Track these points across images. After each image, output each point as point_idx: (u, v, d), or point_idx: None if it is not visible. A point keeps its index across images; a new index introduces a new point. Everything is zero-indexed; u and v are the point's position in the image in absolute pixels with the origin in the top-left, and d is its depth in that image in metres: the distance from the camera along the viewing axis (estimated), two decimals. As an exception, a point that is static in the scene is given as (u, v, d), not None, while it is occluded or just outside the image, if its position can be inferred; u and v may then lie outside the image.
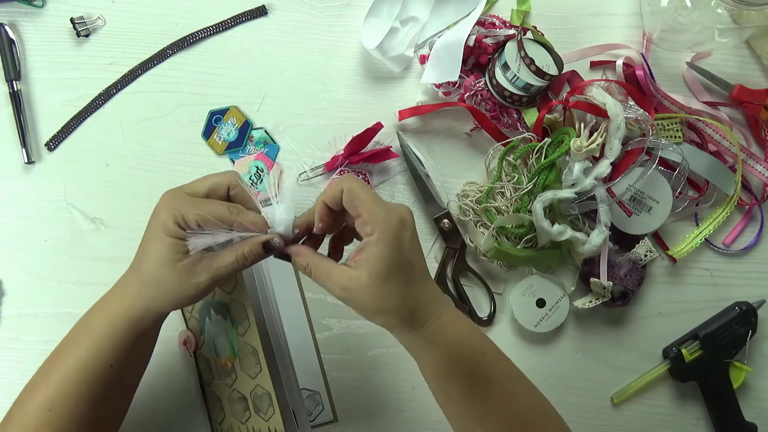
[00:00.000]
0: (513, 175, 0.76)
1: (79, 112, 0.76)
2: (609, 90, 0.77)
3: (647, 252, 0.76)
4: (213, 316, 0.67)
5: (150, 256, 0.56)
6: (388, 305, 0.54)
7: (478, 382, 0.57)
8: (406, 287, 0.54)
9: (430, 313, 0.56)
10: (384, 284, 0.53)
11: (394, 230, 0.53)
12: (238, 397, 0.67)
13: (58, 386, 0.57)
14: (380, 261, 0.53)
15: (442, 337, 0.56)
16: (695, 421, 0.80)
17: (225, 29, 0.78)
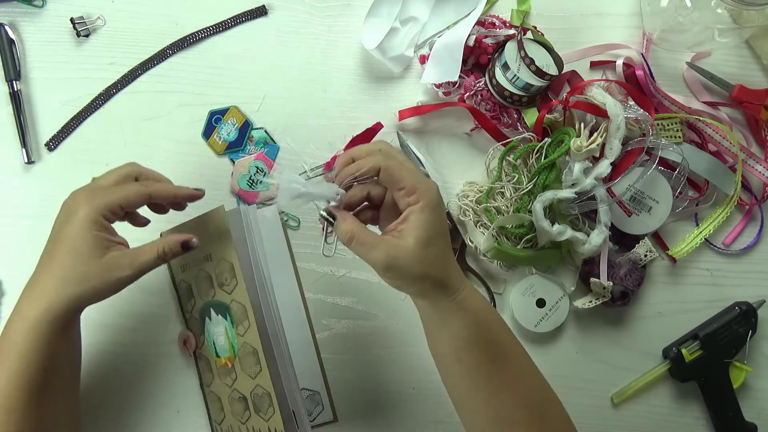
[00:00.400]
0: (513, 175, 0.76)
1: (79, 112, 0.76)
2: (609, 90, 0.77)
3: (647, 252, 0.76)
4: (213, 316, 0.67)
5: (72, 253, 0.57)
6: (431, 270, 0.56)
7: (497, 355, 0.59)
8: (444, 253, 0.57)
9: (457, 281, 0.58)
10: (428, 249, 0.55)
11: (437, 198, 0.56)
12: (238, 397, 0.67)
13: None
14: (426, 227, 0.55)
15: (470, 305, 0.58)
16: (695, 421, 0.80)
17: (225, 29, 0.79)
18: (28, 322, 0.57)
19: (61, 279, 0.57)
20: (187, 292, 0.71)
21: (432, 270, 0.56)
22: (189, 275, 0.70)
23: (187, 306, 0.71)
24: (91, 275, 0.58)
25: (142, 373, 0.74)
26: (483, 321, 0.59)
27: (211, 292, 0.67)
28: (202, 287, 0.68)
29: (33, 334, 0.57)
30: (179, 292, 0.72)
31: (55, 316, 0.58)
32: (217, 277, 0.66)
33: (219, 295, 0.66)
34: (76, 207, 0.58)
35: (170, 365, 0.74)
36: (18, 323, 0.58)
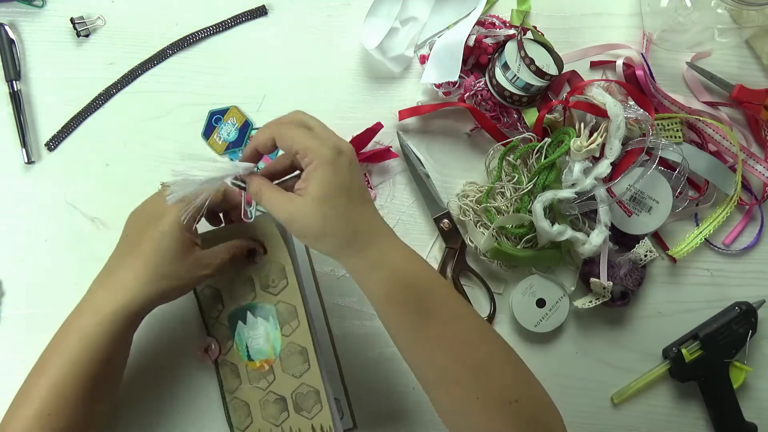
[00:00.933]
0: (513, 175, 0.76)
1: (79, 112, 0.76)
2: (609, 90, 0.77)
3: (647, 252, 0.76)
4: (250, 319, 0.67)
5: (164, 253, 0.59)
6: (330, 226, 0.56)
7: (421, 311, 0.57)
8: (345, 209, 0.57)
9: (373, 236, 0.58)
10: (324, 205, 0.56)
11: (329, 156, 0.56)
12: (275, 398, 0.67)
13: (53, 389, 0.58)
14: (319, 184, 0.55)
15: (384, 262, 0.58)
16: (695, 421, 0.80)
17: (225, 29, 0.79)
18: (103, 315, 0.58)
19: (145, 277, 0.59)
20: (213, 299, 0.70)
21: (332, 226, 0.56)
22: (219, 281, 0.69)
23: (212, 312, 0.70)
24: (178, 275, 0.60)
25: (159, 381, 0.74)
26: (401, 277, 0.58)
27: (250, 295, 0.67)
28: (238, 291, 0.68)
29: (105, 328, 0.58)
30: (201, 300, 0.71)
31: (132, 313, 0.59)
32: (261, 279, 0.66)
33: (261, 298, 0.66)
34: (166, 210, 0.60)
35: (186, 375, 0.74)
36: (90, 316, 0.59)
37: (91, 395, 0.59)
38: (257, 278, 0.67)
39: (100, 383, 0.60)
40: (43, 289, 0.75)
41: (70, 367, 0.58)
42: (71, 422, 0.58)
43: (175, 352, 0.74)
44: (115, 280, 0.60)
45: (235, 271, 0.68)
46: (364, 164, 0.78)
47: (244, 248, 0.65)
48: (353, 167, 0.58)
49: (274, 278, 0.66)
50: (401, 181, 0.79)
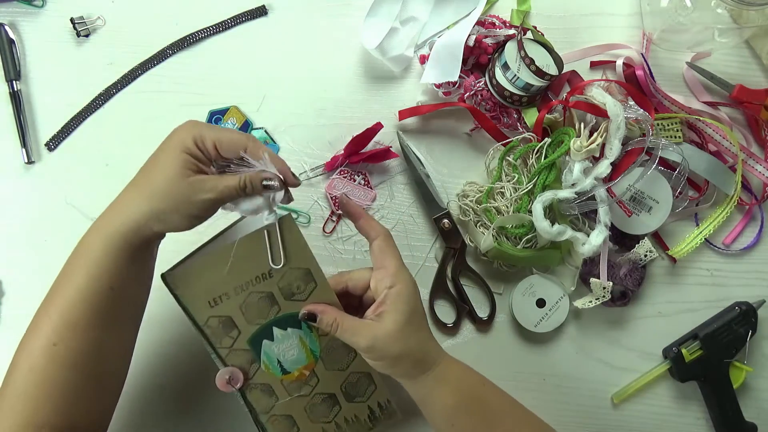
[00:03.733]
0: (513, 175, 0.76)
1: (79, 112, 0.76)
2: (609, 90, 0.77)
3: (647, 252, 0.76)
4: (278, 333, 0.66)
5: (160, 170, 0.57)
6: (408, 349, 0.61)
7: (487, 414, 0.63)
8: (419, 332, 0.63)
9: (436, 356, 0.63)
10: (404, 330, 0.61)
11: (413, 283, 0.63)
12: (323, 399, 0.68)
13: (61, 317, 0.56)
14: (403, 310, 0.61)
15: (448, 376, 0.63)
16: (695, 421, 0.80)
17: (225, 29, 0.79)
18: (103, 233, 0.57)
19: (146, 194, 0.57)
20: (223, 328, 0.66)
21: (410, 349, 0.61)
22: (226, 308, 0.65)
23: (224, 342, 0.66)
24: (178, 193, 0.57)
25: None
26: (465, 386, 0.64)
27: (273, 309, 0.65)
28: (254, 311, 0.65)
29: (106, 247, 0.57)
30: (207, 334, 0.65)
31: (132, 232, 0.57)
32: (282, 290, 0.64)
33: (288, 308, 0.65)
34: (177, 130, 0.60)
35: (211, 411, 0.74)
36: (92, 236, 0.58)
37: (99, 323, 0.57)
38: (277, 290, 0.64)
39: (108, 311, 0.58)
40: (42, 289, 0.74)
41: (75, 294, 0.57)
42: (78, 351, 0.56)
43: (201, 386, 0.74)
44: (117, 202, 0.59)
45: (245, 293, 0.64)
46: (364, 164, 0.78)
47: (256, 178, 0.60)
48: (419, 296, 0.64)
49: (299, 284, 0.64)
50: (401, 181, 0.79)
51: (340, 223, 0.78)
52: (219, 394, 0.65)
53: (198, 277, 0.62)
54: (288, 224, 0.62)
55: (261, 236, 0.62)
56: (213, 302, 0.63)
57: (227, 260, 0.62)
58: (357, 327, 0.61)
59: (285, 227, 0.62)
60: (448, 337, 0.78)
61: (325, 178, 0.78)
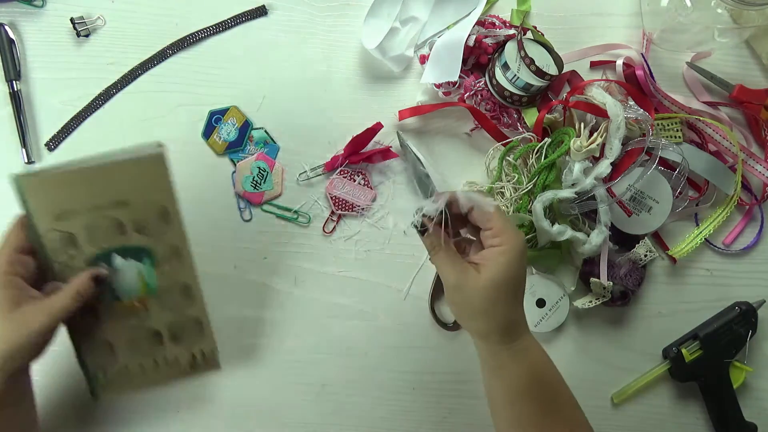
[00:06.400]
0: (513, 175, 0.76)
1: (79, 112, 0.76)
2: (609, 90, 0.77)
3: (647, 252, 0.76)
4: (119, 262, 0.66)
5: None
6: (493, 311, 0.58)
7: (549, 410, 0.61)
8: (511, 301, 0.59)
9: (521, 332, 0.60)
10: (496, 291, 0.57)
11: (520, 248, 0.58)
12: (148, 334, 0.68)
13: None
14: (501, 270, 0.57)
15: (527, 356, 0.60)
16: (695, 421, 0.80)
17: (225, 29, 0.79)
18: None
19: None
20: (63, 243, 0.65)
21: (495, 312, 0.58)
22: (72, 225, 0.64)
23: (59, 256, 0.65)
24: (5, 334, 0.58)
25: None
26: (539, 373, 0.61)
27: (118, 238, 0.66)
28: (100, 235, 0.65)
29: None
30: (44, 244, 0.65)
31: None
32: (134, 222, 0.65)
33: (134, 240, 0.66)
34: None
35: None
36: None
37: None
38: (129, 221, 0.65)
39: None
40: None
41: None
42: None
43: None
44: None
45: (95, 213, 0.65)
46: (364, 164, 0.78)
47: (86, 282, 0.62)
48: (525, 266, 0.59)
49: (151, 220, 0.65)
50: (401, 181, 0.79)
51: (340, 222, 0.78)
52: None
53: (53, 188, 0.62)
54: (158, 160, 0.63)
55: (129, 165, 0.63)
56: (60, 217, 0.64)
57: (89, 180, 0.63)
58: (455, 262, 0.58)
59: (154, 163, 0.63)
60: (449, 336, 0.78)
61: (325, 178, 0.78)
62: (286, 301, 0.76)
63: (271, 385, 0.76)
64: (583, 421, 0.62)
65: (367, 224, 0.78)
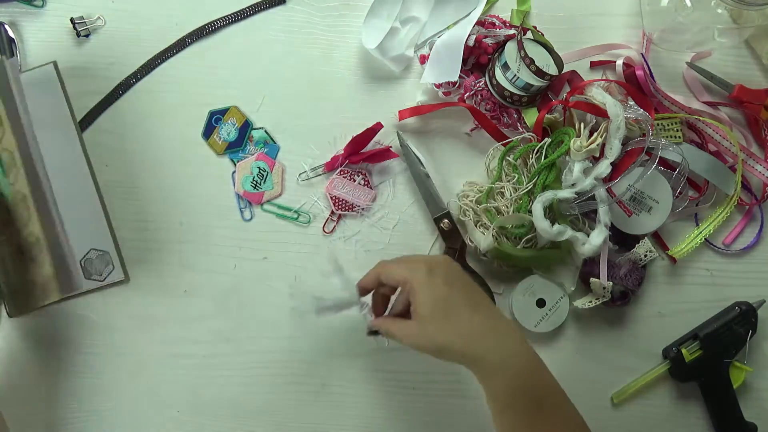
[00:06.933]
0: (513, 175, 0.76)
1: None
2: (609, 90, 0.77)
3: (647, 252, 0.76)
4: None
5: None
6: (444, 340, 0.60)
7: (535, 421, 0.60)
8: (455, 321, 0.60)
9: (491, 343, 0.61)
10: (432, 323, 0.60)
11: (421, 279, 0.61)
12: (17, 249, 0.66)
13: None
14: (421, 306, 0.61)
15: (506, 368, 0.60)
16: (695, 421, 0.80)
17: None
18: None
19: None
20: None
21: (445, 340, 0.60)
22: None
23: None
24: None
25: None
26: (522, 384, 0.61)
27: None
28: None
29: None
30: None
31: None
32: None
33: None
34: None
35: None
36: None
37: None
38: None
39: None
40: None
41: None
42: None
43: None
44: None
45: None
46: (364, 164, 0.78)
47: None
48: (450, 280, 0.62)
49: None
50: (401, 181, 0.79)
51: (340, 222, 0.78)
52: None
53: None
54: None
55: None
56: None
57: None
58: (400, 328, 0.63)
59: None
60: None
61: (325, 178, 0.78)
62: (286, 301, 0.76)
63: (270, 385, 0.76)
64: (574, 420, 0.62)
65: (367, 224, 0.78)
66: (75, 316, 0.74)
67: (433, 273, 0.62)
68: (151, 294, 0.70)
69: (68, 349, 0.74)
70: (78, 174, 0.71)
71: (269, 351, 0.76)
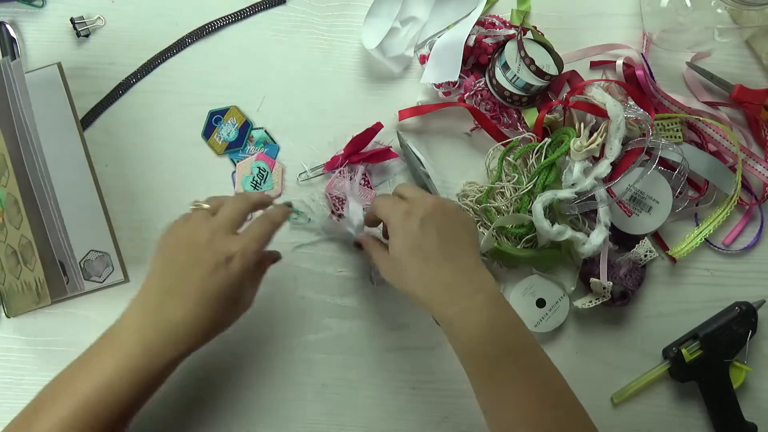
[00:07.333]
0: (513, 175, 0.76)
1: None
2: (609, 90, 0.77)
3: (647, 252, 0.76)
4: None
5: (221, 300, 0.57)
6: (405, 286, 0.62)
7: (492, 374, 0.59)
8: (421, 268, 0.60)
9: (451, 297, 0.60)
10: (400, 264, 0.61)
11: (398, 221, 0.62)
12: (12, 251, 0.64)
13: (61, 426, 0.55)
14: (393, 247, 0.62)
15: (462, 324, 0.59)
16: (695, 421, 0.80)
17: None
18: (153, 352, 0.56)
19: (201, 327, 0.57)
20: None
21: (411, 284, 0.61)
22: None
23: None
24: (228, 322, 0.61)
25: None
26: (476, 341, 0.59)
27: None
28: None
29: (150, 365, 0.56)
30: None
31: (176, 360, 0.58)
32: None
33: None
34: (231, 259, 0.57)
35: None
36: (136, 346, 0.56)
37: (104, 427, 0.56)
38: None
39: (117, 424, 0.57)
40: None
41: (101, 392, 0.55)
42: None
43: None
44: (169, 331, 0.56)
45: None
46: (364, 164, 0.78)
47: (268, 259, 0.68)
48: (428, 225, 0.61)
49: None
50: (401, 181, 0.79)
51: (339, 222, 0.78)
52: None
53: None
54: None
55: None
56: None
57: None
58: (378, 256, 0.65)
59: None
60: (448, 337, 0.78)
61: (325, 178, 0.78)
62: (286, 300, 0.76)
63: (270, 385, 0.75)
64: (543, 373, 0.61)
65: (367, 224, 0.78)
66: (75, 316, 0.74)
67: (411, 216, 0.61)
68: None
69: (68, 349, 0.74)
70: (80, 175, 0.71)
71: (268, 350, 0.76)
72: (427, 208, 0.62)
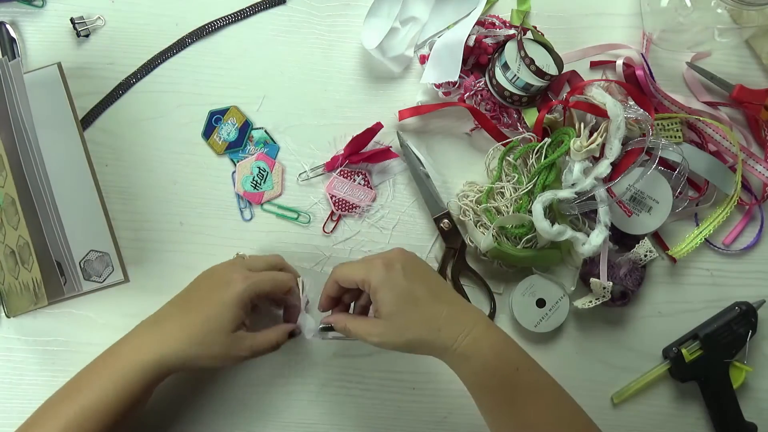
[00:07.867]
0: (513, 175, 0.76)
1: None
2: (609, 90, 0.77)
3: (647, 252, 0.76)
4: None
5: (210, 320, 0.62)
6: (411, 334, 0.61)
7: (512, 396, 0.61)
8: (415, 314, 0.61)
9: (457, 329, 0.61)
10: (397, 320, 0.61)
11: (380, 276, 0.62)
12: (10, 251, 0.65)
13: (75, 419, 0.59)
14: (385, 304, 0.61)
15: (475, 352, 0.61)
16: (695, 421, 0.80)
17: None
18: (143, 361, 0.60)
19: (189, 337, 0.61)
20: None
21: (413, 335, 0.61)
22: None
23: None
24: (219, 344, 0.62)
25: None
26: (492, 365, 0.61)
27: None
28: None
29: (141, 375, 0.60)
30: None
31: (166, 368, 0.61)
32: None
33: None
34: (234, 281, 0.63)
35: None
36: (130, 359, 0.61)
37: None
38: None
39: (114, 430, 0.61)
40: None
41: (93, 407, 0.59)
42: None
43: None
44: (162, 331, 0.62)
45: None
46: (364, 164, 0.78)
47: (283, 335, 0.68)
48: (409, 272, 0.62)
49: None
50: (401, 181, 0.79)
51: (340, 222, 0.78)
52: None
53: None
54: None
55: None
56: None
57: None
58: (365, 327, 0.63)
59: None
60: (448, 337, 0.78)
61: (325, 178, 0.78)
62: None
63: (270, 385, 0.75)
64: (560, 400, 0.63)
65: (367, 224, 0.78)
66: (75, 316, 0.74)
67: (391, 268, 0.62)
68: (151, 294, 0.70)
69: (68, 349, 0.74)
70: (79, 175, 0.71)
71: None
72: (398, 257, 0.64)
